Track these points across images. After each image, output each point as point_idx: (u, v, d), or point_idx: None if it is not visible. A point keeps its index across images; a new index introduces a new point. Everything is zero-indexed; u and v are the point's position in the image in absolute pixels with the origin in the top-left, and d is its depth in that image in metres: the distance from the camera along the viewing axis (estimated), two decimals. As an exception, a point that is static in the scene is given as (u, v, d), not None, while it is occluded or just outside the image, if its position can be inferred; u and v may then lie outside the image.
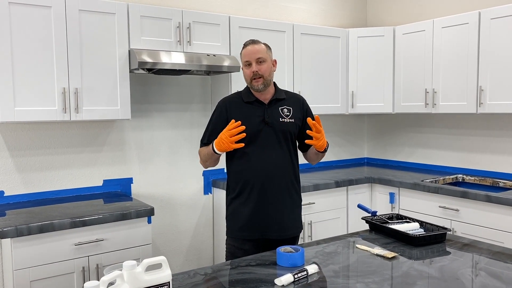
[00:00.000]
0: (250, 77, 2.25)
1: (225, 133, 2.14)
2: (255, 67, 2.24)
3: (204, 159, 2.34)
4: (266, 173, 2.24)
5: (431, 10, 3.99)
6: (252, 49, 2.26)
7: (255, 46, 2.27)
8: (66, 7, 2.68)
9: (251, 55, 2.25)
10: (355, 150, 4.63)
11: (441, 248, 2.00)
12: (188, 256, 3.60)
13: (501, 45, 3.15)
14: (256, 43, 2.29)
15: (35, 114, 2.63)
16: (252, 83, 2.26)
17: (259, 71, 2.23)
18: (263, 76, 2.24)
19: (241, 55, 2.32)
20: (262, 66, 2.25)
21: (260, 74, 2.24)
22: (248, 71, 2.26)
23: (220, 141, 2.16)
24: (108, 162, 3.22)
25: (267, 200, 2.27)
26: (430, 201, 3.34)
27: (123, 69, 2.89)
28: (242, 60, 2.30)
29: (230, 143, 2.12)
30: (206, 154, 2.29)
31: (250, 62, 2.25)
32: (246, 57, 2.26)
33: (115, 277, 1.24)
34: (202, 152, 2.34)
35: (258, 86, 2.25)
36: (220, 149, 2.17)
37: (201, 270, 1.75)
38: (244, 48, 2.30)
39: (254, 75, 2.24)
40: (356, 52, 3.97)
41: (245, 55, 2.27)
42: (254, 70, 2.23)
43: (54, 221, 2.40)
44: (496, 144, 3.59)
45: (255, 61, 2.24)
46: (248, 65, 2.26)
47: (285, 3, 4.04)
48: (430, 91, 3.61)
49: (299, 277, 1.62)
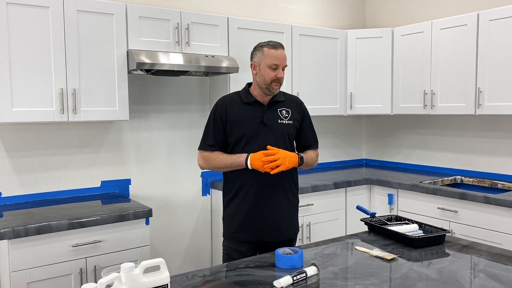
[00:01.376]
0: (272, 79, 2.24)
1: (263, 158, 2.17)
2: (281, 73, 2.26)
3: (220, 166, 2.28)
4: (263, 174, 2.22)
5: (429, 12, 3.99)
6: (282, 55, 2.27)
7: (284, 52, 2.28)
8: (64, 7, 2.67)
9: (281, 60, 2.26)
10: (353, 152, 4.63)
11: (440, 249, 2.00)
12: (186, 258, 3.59)
13: (499, 47, 3.16)
14: (283, 48, 2.29)
15: (33, 115, 2.61)
16: (271, 85, 2.25)
17: (282, 77, 2.27)
18: (280, 82, 2.27)
19: (262, 52, 2.26)
20: (283, 73, 2.28)
21: (281, 81, 2.27)
22: (273, 74, 2.24)
23: (259, 160, 2.17)
24: (106, 163, 3.21)
25: (263, 202, 2.26)
26: (428, 203, 3.33)
27: (121, 70, 2.88)
28: (266, 59, 2.24)
29: (266, 167, 2.16)
30: (230, 163, 2.24)
31: (278, 66, 2.25)
32: (276, 61, 2.24)
33: (113, 279, 1.23)
34: (220, 159, 2.27)
35: (276, 90, 2.28)
36: (254, 166, 2.19)
37: (200, 272, 1.75)
38: (272, 49, 2.25)
39: (278, 80, 2.25)
40: (355, 53, 3.97)
41: (275, 58, 2.24)
42: (281, 76, 2.25)
43: (51, 223, 2.39)
44: (494, 145, 3.59)
45: (283, 67, 2.27)
46: (274, 69, 2.24)
47: (284, 4, 4.03)
48: (429, 93, 3.62)
49: (298, 279, 1.62)
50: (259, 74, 2.26)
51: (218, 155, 2.28)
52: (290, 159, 2.20)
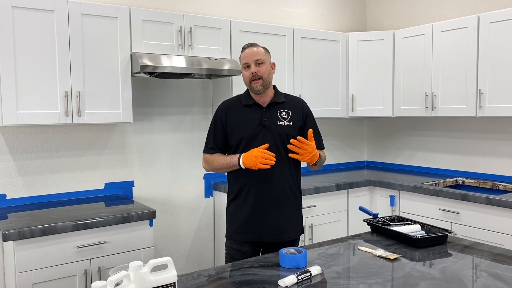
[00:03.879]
0: (249, 78, 2.28)
1: (258, 153, 2.16)
2: (254, 68, 2.26)
3: (218, 167, 2.33)
4: (263, 176, 2.24)
5: (430, 14, 4.02)
6: (251, 51, 2.29)
7: (253, 48, 2.30)
8: (69, 11, 2.70)
9: (250, 57, 2.28)
10: (355, 153, 4.65)
11: (443, 250, 2.02)
12: (188, 259, 3.61)
13: (500, 49, 3.18)
14: (254, 46, 2.32)
15: (38, 117, 2.64)
16: (251, 84, 2.28)
17: (258, 72, 2.26)
18: (262, 78, 2.26)
19: (240, 58, 2.35)
20: (261, 68, 2.27)
21: (259, 75, 2.26)
22: (247, 73, 2.28)
23: (250, 157, 2.17)
24: (109, 165, 3.23)
25: (263, 202, 2.28)
26: (430, 204, 3.35)
27: (125, 73, 2.91)
28: (241, 63, 2.33)
29: (259, 163, 2.15)
30: (225, 164, 2.28)
31: (249, 64, 2.28)
32: (245, 59, 2.29)
33: (122, 277, 1.25)
34: (217, 160, 2.32)
35: (257, 87, 2.27)
36: (246, 165, 2.19)
37: (205, 272, 1.76)
38: (243, 51, 2.33)
39: (253, 77, 2.26)
40: (356, 56, 4.00)
41: (244, 57, 2.30)
42: (253, 72, 2.26)
43: (56, 224, 2.41)
44: (495, 147, 3.61)
45: (254, 63, 2.27)
46: (247, 67, 2.29)
47: (286, 7, 4.06)
48: (430, 95, 3.64)
49: (302, 278, 1.63)
50: (243, 79, 2.34)
51: (216, 157, 2.34)
52: (315, 154, 2.22)
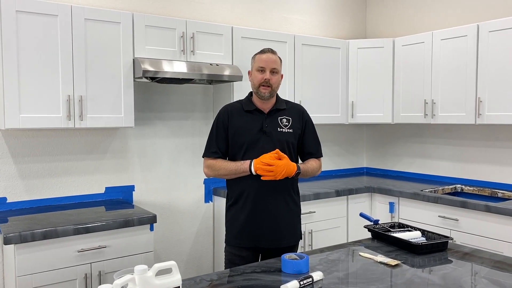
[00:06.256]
0: (260, 82, 2.28)
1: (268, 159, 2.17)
2: (268, 75, 2.27)
3: (225, 173, 2.29)
4: (262, 181, 2.22)
5: (430, 23, 4.05)
6: (270, 58, 2.30)
7: (273, 55, 2.32)
8: (72, 16, 2.71)
9: (268, 62, 2.29)
10: (354, 160, 4.66)
11: (443, 256, 2.03)
12: (188, 264, 3.61)
13: (499, 57, 3.21)
14: (274, 53, 2.33)
15: (40, 121, 2.65)
16: (259, 88, 2.29)
17: (270, 80, 2.28)
18: (271, 86, 2.28)
19: (254, 59, 2.35)
20: (274, 77, 2.29)
21: (270, 83, 2.28)
22: (260, 76, 2.28)
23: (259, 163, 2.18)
24: (110, 169, 3.24)
25: (261, 209, 2.28)
26: (429, 211, 3.36)
27: (127, 78, 2.92)
28: (255, 64, 2.32)
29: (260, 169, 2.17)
30: (234, 170, 2.26)
31: (264, 69, 2.28)
32: (262, 63, 2.29)
33: (127, 281, 1.26)
34: (224, 166, 2.29)
35: (264, 93, 2.28)
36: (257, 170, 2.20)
37: (207, 277, 1.77)
38: (261, 54, 2.33)
39: (265, 82, 2.27)
40: (356, 63, 4.02)
41: (262, 60, 2.30)
42: (267, 78, 2.27)
43: (57, 228, 2.41)
44: (494, 154, 3.63)
45: (270, 70, 2.29)
46: (261, 71, 2.29)
47: (287, 14, 4.09)
48: (429, 102, 3.66)
49: (304, 284, 1.64)
50: (251, 80, 2.35)
51: (222, 163, 2.31)
52: (287, 171, 2.19)
